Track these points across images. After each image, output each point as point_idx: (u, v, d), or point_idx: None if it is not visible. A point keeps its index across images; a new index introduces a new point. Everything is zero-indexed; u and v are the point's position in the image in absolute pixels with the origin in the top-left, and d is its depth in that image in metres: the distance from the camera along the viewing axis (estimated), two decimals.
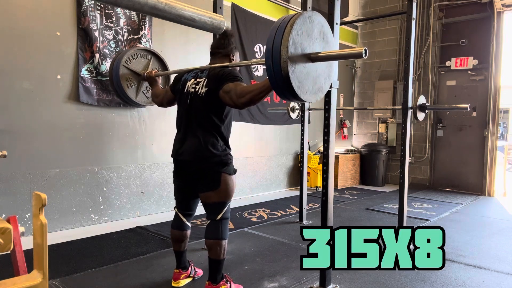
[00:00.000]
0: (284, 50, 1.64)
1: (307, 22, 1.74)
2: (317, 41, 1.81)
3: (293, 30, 1.66)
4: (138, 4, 2.14)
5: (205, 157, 2.15)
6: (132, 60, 2.84)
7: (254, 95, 1.95)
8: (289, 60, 1.65)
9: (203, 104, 2.16)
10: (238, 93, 2.00)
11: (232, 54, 2.34)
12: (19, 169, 3.33)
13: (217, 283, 2.23)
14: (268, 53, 1.71)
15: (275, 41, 1.68)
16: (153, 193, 4.30)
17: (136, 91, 2.94)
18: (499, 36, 5.90)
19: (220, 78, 2.11)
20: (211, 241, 2.19)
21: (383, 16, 6.43)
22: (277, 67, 1.67)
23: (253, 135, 5.48)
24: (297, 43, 1.69)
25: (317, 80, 1.86)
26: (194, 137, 2.18)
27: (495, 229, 4.02)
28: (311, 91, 1.82)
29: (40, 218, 1.29)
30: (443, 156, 6.54)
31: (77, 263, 2.79)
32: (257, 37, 5.31)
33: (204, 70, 2.26)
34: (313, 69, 1.81)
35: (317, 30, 1.81)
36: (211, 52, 2.37)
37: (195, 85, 2.23)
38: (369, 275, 2.70)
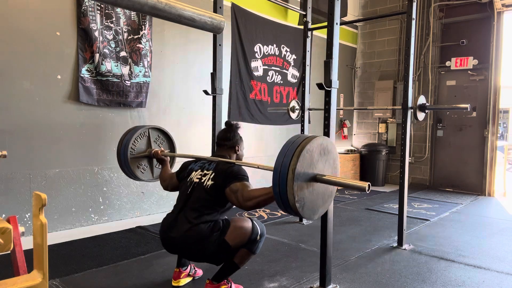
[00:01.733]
0: (292, 198, 1.71)
1: (306, 157, 1.78)
2: (320, 160, 1.86)
3: (296, 174, 1.70)
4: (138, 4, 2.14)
5: (200, 241, 2.09)
6: (135, 147, 2.87)
7: (260, 201, 1.99)
8: (297, 203, 1.72)
9: (205, 194, 2.18)
10: (245, 197, 2.04)
11: (237, 145, 2.42)
12: (19, 169, 3.33)
13: (218, 283, 2.24)
14: (277, 196, 1.77)
15: (280, 188, 1.74)
16: (153, 193, 4.30)
17: (151, 172, 2.98)
18: (499, 36, 5.90)
19: (228, 176, 2.15)
20: (244, 250, 2.19)
21: (383, 16, 6.42)
22: (288, 208, 1.76)
23: (253, 135, 5.48)
24: (301, 179, 1.74)
25: (326, 192, 1.93)
26: (185, 224, 2.13)
27: (495, 229, 4.02)
28: (321, 205, 1.92)
29: (40, 218, 1.29)
30: (443, 156, 6.54)
31: (77, 263, 2.79)
32: (257, 37, 5.31)
33: (212, 163, 2.32)
34: (318, 188, 1.87)
35: (317, 152, 1.85)
36: (217, 143, 2.46)
37: (202, 176, 2.26)
38: (369, 275, 2.70)
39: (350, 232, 3.78)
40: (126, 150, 2.81)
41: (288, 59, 5.85)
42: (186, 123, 4.57)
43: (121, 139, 2.89)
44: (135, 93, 4.01)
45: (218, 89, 3.23)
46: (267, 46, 5.46)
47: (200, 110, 4.66)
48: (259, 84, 5.39)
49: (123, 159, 2.83)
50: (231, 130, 2.43)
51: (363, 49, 7.38)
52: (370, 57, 7.28)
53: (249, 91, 5.25)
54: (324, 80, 2.39)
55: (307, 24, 4.03)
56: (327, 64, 2.37)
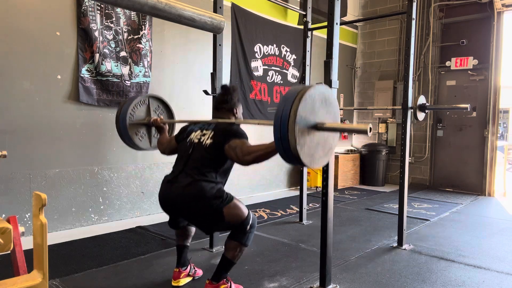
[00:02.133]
0: (293, 140, 1.68)
1: (309, 102, 1.76)
2: (321, 109, 1.84)
3: (298, 117, 1.68)
4: (138, 4, 2.14)
5: (199, 198, 2.09)
6: (134, 114, 2.85)
7: (259, 156, 1.98)
8: (297, 145, 1.68)
9: (205, 153, 2.18)
10: (244, 151, 2.04)
11: (235, 108, 2.41)
12: (19, 169, 3.33)
13: (218, 282, 2.23)
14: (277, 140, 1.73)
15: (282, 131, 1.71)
16: (153, 193, 4.30)
17: (149, 140, 2.96)
18: (499, 36, 5.90)
19: (227, 134, 2.16)
20: (234, 242, 2.19)
21: (383, 16, 6.41)
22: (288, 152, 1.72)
23: (253, 135, 5.46)
24: (302, 122, 1.72)
25: (326, 143, 1.89)
26: (187, 179, 2.13)
27: (495, 229, 4.02)
28: (322, 156, 1.87)
29: (40, 218, 1.29)
30: (443, 156, 6.54)
31: (77, 263, 2.79)
32: (257, 37, 5.31)
33: (211, 124, 2.31)
34: (321, 135, 1.85)
35: (319, 101, 1.83)
36: (215, 107, 2.46)
37: (201, 136, 2.26)
38: (369, 275, 2.70)
39: (350, 232, 3.78)
40: (125, 115, 2.77)
41: (288, 59, 5.85)
42: None
43: (121, 104, 2.87)
44: (135, 93, 4.01)
45: (218, 89, 3.23)
46: (267, 46, 5.46)
47: (200, 110, 4.66)
48: (259, 84, 5.39)
49: (121, 124, 2.78)
50: (228, 93, 2.39)
51: (363, 49, 7.38)
52: (370, 57, 7.28)
53: (249, 91, 5.25)
54: (324, 80, 2.39)
55: (307, 24, 4.03)
56: (327, 64, 2.37)
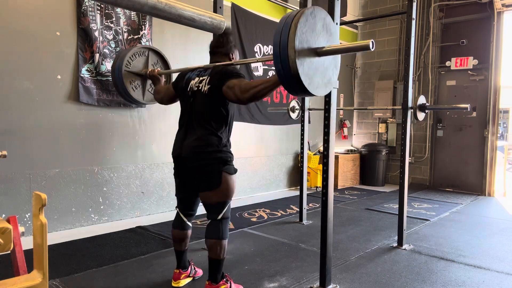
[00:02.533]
0: (292, 51, 1.65)
1: (310, 19, 1.75)
2: (321, 34, 1.82)
3: (298, 30, 1.66)
4: (138, 4, 2.14)
5: (205, 154, 2.15)
6: (132, 62, 2.83)
7: (258, 90, 1.96)
8: (297, 59, 1.65)
9: (206, 101, 2.17)
10: (242, 88, 2.01)
11: (232, 53, 2.37)
12: (19, 169, 3.33)
13: (217, 283, 2.23)
14: (276, 56, 1.71)
15: (281, 42, 1.68)
16: (153, 193, 4.30)
17: (142, 92, 2.92)
18: (499, 36, 5.90)
19: (223, 75, 2.13)
20: (211, 241, 2.19)
21: (383, 16, 6.43)
22: (286, 68, 1.68)
23: (253, 135, 5.48)
24: (303, 41, 1.70)
25: (326, 73, 1.87)
26: (195, 135, 2.19)
27: (495, 229, 4.02)
28: (321, 85, 1.83)
29: (40, 218, 1.29)
30: (443, 156, 6.54)
31: (77, 263, 2.79)
32: (257, 37, 5.31)
33: (207, 69, 2.27)
34: (321, 63, 1.82)
35: (320, 24, 1.82)
36: (210, 51, 2.40)
37: (199, 83, 2.24)
38: (369, 275, 2.70)
39: (350, 232, 3.78)
40: (122, 60, 2.74)
41: None
42: None
43: (119, 51, 2.84)
44: None
45: None
46: (267, 46, 5.46)
47: None
48: None
49: (117, 69, 2.75)
50: (223, 36, 2.36)
51: None
52: (370, 57, 7.28)
53: None
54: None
55: None
56: None
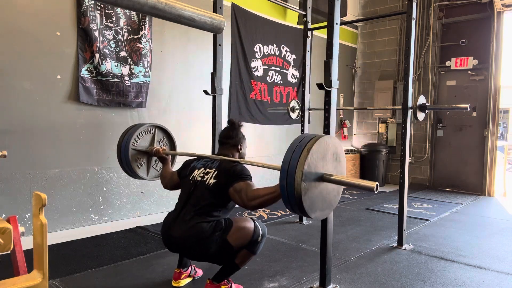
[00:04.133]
0: (299, 174, 1.69)
1: (323, 146, 1.80)
2: (330, 161, 1.87)
3: (310, 155, 1.71)
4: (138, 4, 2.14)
5: (202, 239, 2.07)
6: (139, 140, 2.86)
7: (264, 201, 1.98)
8: (303, 182, 1.70)
9: (208, 192, 2.16)
10: (249, 196, 2.02)
11: (240, 144, 2.41)
12: (19, 169, 3.33)
13: (219, 283, 2.24)
14: (283, 173, 1.75)
15: (291, 163, 1.73)
16: (153, 193, 4.30)
17: (147, 169, 2.96)
18: (499, 36, 5.90)
19: (231, 175, 2.13)
20: (244, 250, 2.18)
21: (383, 16, 6.42)
22: (291, 188, 1.73)
23: (253, 135, 5.48)
24: (312, 166, 1.75)
25: (327, 198, 1.90)
26: (189, 223, 2.10)
27: (495, 229, 4.02)
28: (320, 209, 1.87)
29: (40, 218, 1.29)
30: (443, 156, 6.54)
31: (77, 263, 2.79)
32: (257, 37, 5.31)
33: (215, 161, 2.30)
34: (325, 187, 1.86)
35: (331, 152, 1.87)
36: (219, 141, 2.45)
37: (204, 174, 2.25)
38: (369, 275, 2.70)
39: (350, 232, 3.78)
40: (130, 138, 2.78)
41: (288, 59, 5.85)
42: (186, 123, 4.57)
43: (127, 128, 2.90)
44: (135, 93, 4.01)
45: (218, 89, 3.23)
46: (267, 46, 5.46)
47: (200, 110, 4.66)
48: (259, 84, 5.39)
49: (123, 148, 2.79)
50: (233, 128, 2.42)
51: (363, 49, 7.38)
52: (370, 57, 7.27)
53: (249, 91, 5.25)
54: (324, 80, 2.39)
55: (307, 24, 4.03)
56: (327, 64, 2.37)
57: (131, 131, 2.84)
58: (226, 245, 2.11)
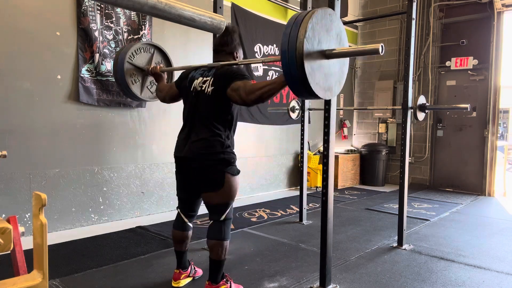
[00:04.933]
0: (302, 31, 1.62)
1: (328, 18, 1.72)
2: (333, 40, 1.80)
3: (313, 18, 1.65)
4: (138, 4, 2.14)
5: (208, 155, 2.13)
6: (136, 56, 2.82)
7: (263, 92, 1.94)
8: (306, 41, 1.61)
9: (209, 103, 2.15)
10: (247, 90, 1.98)
11: (236, 52, 2.33)
12: (19, 169, 3.33)
13: (217, 283, 2.23)
14: (285, 37, 1.69)
15: (294, 24, 1.67)
16: (153, 193, 4.30)
17: (141, 87, 2.90)
18: (499, 36, 5.90)
19: (227, 77, 2.10)
20: (213, 242, 2.19)
21: (383, 16, 6.43)
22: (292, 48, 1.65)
23: (253, 135, 5.48)
24: (315, 32, 1.67)
25: (328, 78, 1.83)
26: (198, 136, 2.17)
27: (495, 229, 4.02)
28: (321, 86, 1.78)
29: (40, 218, 1.29)
30: (443, 156, 6.54)
31: (77, 263, 2.79)
32: (257, 37, 5.31)
33: (211, 69, 2.25)
34: (326, 65, 1.79)
35: (335, 32, 1.80)
36: (214, 50, 2.37)
37: (202, 84, 2.21)
38: (369, 275, 2.70)
39: (350, 232, 3.78)
40: (126, 52, 2.74)
41: None
42: None
43: (127, 44, 2.87)
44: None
45: None
46: (267, 46, 5.46)
47: None
48: None
49: (120, 59, 2.74)
50: (228, 34, 2.33)
51: None
52: (370, 57, 7.27)
53: None
54: None
55: None
56: None
57: (129, 45, 2.80)
58: (221, 177, 2.13)
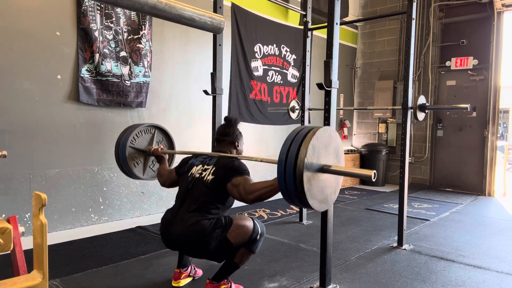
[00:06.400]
0: (300, 187, 1.69)
1: (327, 136, 1.81)
2: (331, 156, 1.87)
3: (315, 137, 1.72)
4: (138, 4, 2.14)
5: (200, 236, 2.07)
6: (137, 139, 2.86)
7: (263, 193, 1.97)
8: (306, 193, 1.69)
9: (206, 190, 2.16)
10: (247, 190, 2.02)
11: (237, 141, 2.41)
12: (19, 169, 3.33)
13: (218, 283, 2.24)
14: (282, 187, 1.75)
15: (287, 180, 1.72)
16: (153, 193, 4.30)
17: (143, 168, 2.95)
18: (499, 36, 5.90)
19: (229, 171, 2.13)
20: (243, 249, 2.19)
21: (383, 16, 6.42)
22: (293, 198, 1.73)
23: (253, 135, 5.48)
24: (316, 149, 1.75)
25: (324, 190, 1.89)
26: (188, 221, 2.09)
27: (495, 229, 4.02)
28: (317, 199, 1.84)
29: (40, 218, 1.29)
30: (443, 156, 6.54)
31: (77, 263, 2.79)
32: (257, 37, 5.31)
33: (212, 158, 2.29)
34: (323, 179, 1.85)
35: (333, 147, 1.88)
36: (217, 139, 2.45)
37: (202, 171, 2.24)
38: (369, 275, 2.70)
39: (350, 232, 3.78)
40: (128, 136, 2.79)
41: (288, 59, 5.85)
42: (186, 123, 4.56)
43: (127, 127, 2.92)
44: (135, 93, 4.01)
45: (218, 89, 3.23)
46: (267, 46, 5.46)
47: (200, 110, 4.66)
48: (259, 84, 5.39)
49: (121, 145, 2.79)
50: (230, 126, 2.41)
51: (363, 49, 7.38)
52: (370, 57, 7.27)
53: (249, 91, 5.25)
54: (324, 80, 2.39)
55: (307, 24, 4.03)
56: (327, 64, 2.37)
57: (130, 129, 2.85)
58: (226, 243, 2.11)
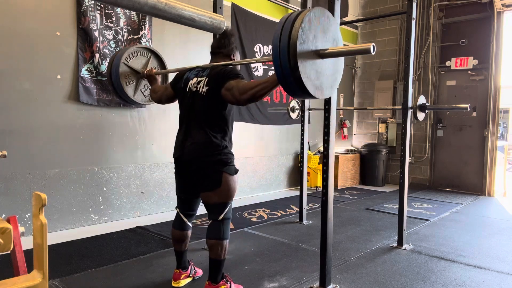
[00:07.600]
0: (299, 21, 1.60)
1: (326, 19, 1.71)
2: (329, 44, 1.80)
3: (312, 12, 1.63)
4: (138, 4, 2.14)
5: (205, 157, 2.14)
6: (132, 58, 2.84)
7: (256, 91, 1.93)
8: (301, 30, 1.59)
9: (204, 103, 2.16)
10: (240, 90, 1.98)
11: (233, 54, 2.35)
12: (19, 169, 3.33)
13: (217, 283, 2.23)
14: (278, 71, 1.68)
15: (293, 14, 1.65)
16: (153, 193, 4.30)
17: (134, 89, 2.93)
18: (499, 36, 5.90)
19: (221, 76, 2.10)
20: (212, 241, 2.19)
21: (383, 16, 6.43)
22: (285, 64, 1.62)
23: (253, 135, 5.48)
24: (312, 25, 1.64)
25: (320, 76, 1.81)
26: (194, 138, 2.18)
27: (495, 229, 4.02)
28: (312, 82, 1.74)
29: (40, 218, 1.29)
30: (443, 156, 6.54)
31: (77, 263, 2.79)
32: (257, 37, 5.31)
33: (206, 69, 2.25)
34: (319, 63, 1.77)
35: (332, 36, 1.80)
36: (211, 52, 2.38)
37: (197, 84, 2.22)
38: (369, 275, 2.70)
39: (350, 232, 3.78)
40: (123, 53, 2.76)
41: None
42: None
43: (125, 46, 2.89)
44: None
45: None
46: (267, 46, 5.46)
47: None
48: None
49: (116, 60, 2.76)
50: (225, 37, 2.33)
51: None
52: (370, 57, 7.27)
53: None
54: None
55: None
56: None
57: (125, 48, 2.82)
58: (219, 176, 2.14)
